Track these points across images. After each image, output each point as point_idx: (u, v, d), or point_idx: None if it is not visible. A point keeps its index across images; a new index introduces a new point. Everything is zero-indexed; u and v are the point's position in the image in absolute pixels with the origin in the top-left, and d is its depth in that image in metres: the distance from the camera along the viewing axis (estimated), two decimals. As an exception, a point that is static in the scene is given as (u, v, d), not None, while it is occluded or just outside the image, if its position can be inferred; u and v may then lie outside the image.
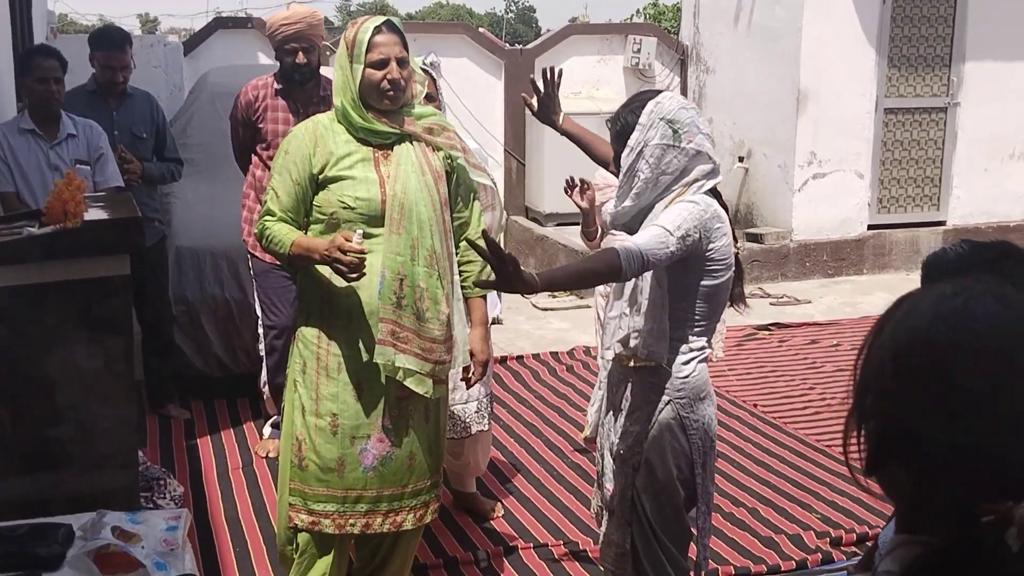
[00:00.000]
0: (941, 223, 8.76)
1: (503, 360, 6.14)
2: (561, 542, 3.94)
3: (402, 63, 2.91)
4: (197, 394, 5.32)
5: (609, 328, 2.87)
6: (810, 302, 7.65)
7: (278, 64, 4.66)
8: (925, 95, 8.55)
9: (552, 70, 3.14)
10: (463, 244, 3.10)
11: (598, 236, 3.87)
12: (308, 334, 2.98)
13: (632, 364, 2.78)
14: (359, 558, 3.25)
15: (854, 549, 3.91)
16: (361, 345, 2.94)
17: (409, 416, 2.99)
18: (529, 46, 9.48)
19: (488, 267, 2.87)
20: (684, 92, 9.56)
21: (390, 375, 2.91)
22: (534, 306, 7.51)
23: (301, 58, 4.53)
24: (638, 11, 14.06)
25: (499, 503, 4.26)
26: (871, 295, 7.78)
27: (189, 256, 5.28)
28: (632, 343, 2.74)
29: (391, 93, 2.91)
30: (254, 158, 4.65)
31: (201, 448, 4.82)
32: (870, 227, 8.56)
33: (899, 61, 8.43)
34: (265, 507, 4.22)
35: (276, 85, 4.63)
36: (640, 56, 9.21)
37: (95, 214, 2.98)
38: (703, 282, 2.70)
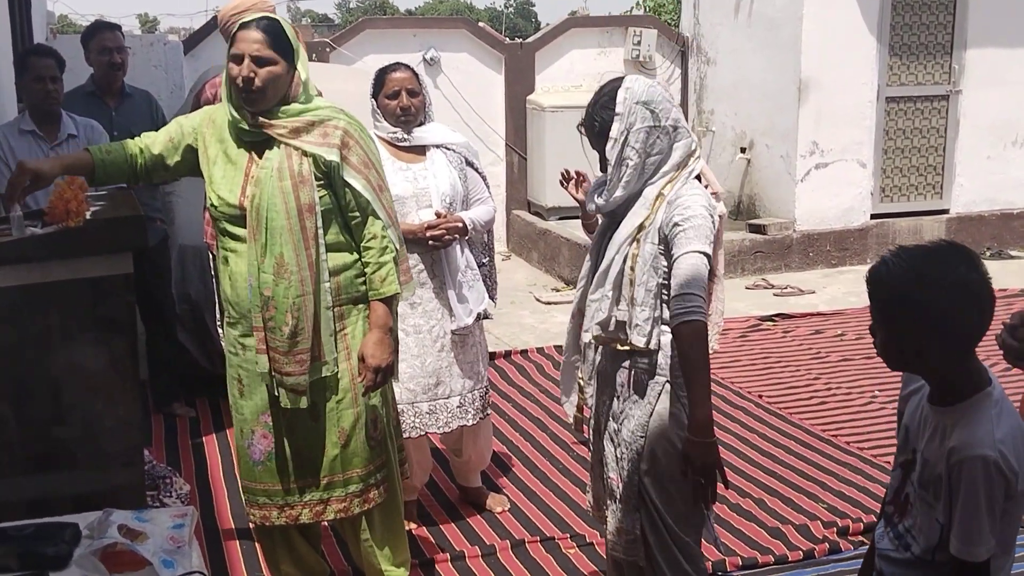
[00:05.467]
0: (944, 211, 8.74)
1: (507, 354, 6.14)
2: (568, 535, 3.94)
3: (259, 61, 2.85)
4: (202, 392, 5.32)
5: (589, 311, 2.84)
6: (814, 292, 7.64)
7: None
8: (927, 83, 8.53)
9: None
10: (364, 244, 3.02)
11: (598, 228, 3.86)
12: (224, 324, 3.15)
13: (622, 347, 2.78)
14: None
15: (861, 539, 3.91)
16: (238, 345, 3.03)
17: (292, 414, 3.01)
18: (529, 40, 9.46)
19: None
20: (685, 84, 9.55)
21: (267, 383, 3.00)
22: (537, 300, 7.51)
23: None
24: (638, 3, 14.00)
25: (505, 497, 4.26)
26: (875, 284, 7.76)
27: (192, 255, 5.28)
28: (612, 327, 2.76)
29: (245, 92, 2.88)
30: None
31: (207, 446, 4.83)
32: (873, 216, 8.54)
33: (900, 49, 8.41)
34: (271, 504, 4.23)
35: None
36: (640, 48, 9.19)
37: (97, 213, 2.98)
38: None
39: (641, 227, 2.72)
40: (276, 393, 2.98)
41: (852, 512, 4.11)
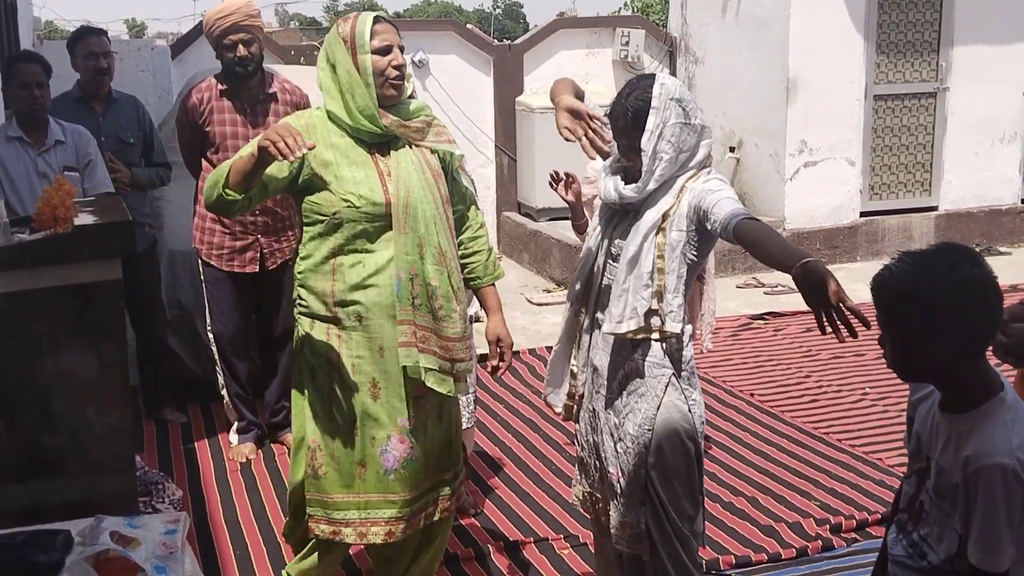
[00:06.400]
0: (933, 208, 8.77)
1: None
2: (561, 536, 3.94)
3: (402, 51, 2.91)
4: (193, 397, 5.31)
5: (621, 300, 2.79)
6: (804, 290, 7.65)
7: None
8: (914, 81, 8.56)
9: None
10: (466, 235, 3.13)
11: (588, 228, 3.87)
12: (317, 340, 2.92)
13: (637, 337, 2.78)
14: (386, 554, 3.17)
15: (854, 535, 3.92)
16: (375, 346, 2.89)
17: (426, 416, 2.99)
18: (517, 41, 9.47)
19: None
20: (673, 84, 9.54)
21: (415, 376, 2.89)
22: (528, 301, 7.51)
23: (242, 51, 4.40)
24: (626, 3, 14.03)
25: (476, 500, 4.24)
26: (865, 282, 7.72)
27: (182, 260, 5.27)
28: (654, 317, 2.76)
29: (397, 81, 2.88)
30: (204, 163, 4.55)
31: (199, 451, 4.81)
32: (862, 214, 8.56)
33: (888, 47, 8.43)
34: (264, 508, 4.22)
35: (220, 86, 4.51)
36: (629, 49, 9.20)
37: (85, 219, 2.97)
38: (700, 259, 2.80)
39: (666, 216, 2.75)
40: (428, 381, 2.89)
41: (845, 509, 4.11)
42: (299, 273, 2.96)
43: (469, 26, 9.87)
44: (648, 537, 2.85)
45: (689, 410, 2.81)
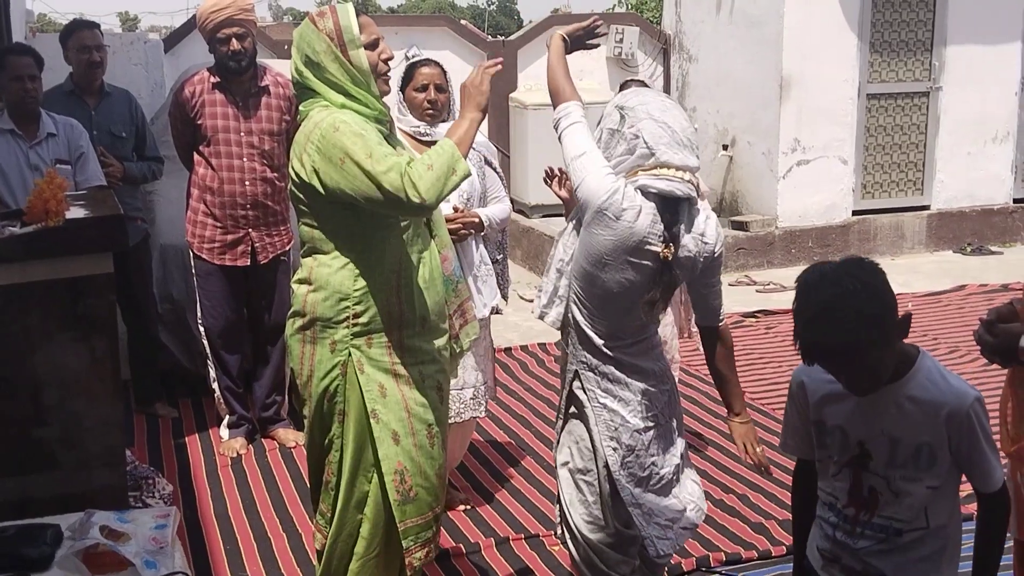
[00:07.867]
0: (925, 207, 8.80)
1: (491, 352, 6.14)
2: (552, 532, 3.94)
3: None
4: (184, 392, 5.31)
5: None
6: (796, 288, 7.66)
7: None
8: (907, 80, 8.58)
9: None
10: None
11: None
12: (377, 356, 2.75)
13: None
14: None
15: (844, 533, 3.93)
16: (435, 348, 2.85)
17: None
18: (511, 37, 9.46)
19: None
20: (667, 81, 9.56)
21: (468, 348, 3.08)
22: (521, 298, 7.50)
23: (235, 44, 4.40)
24: (620, 1, 14.04)
25: (467, 496, 4.25)
26: (857, 280, 7.78)
27: (173, 254, 5.25)
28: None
29: (388, 75, 2.84)
30: (196, 156, 4.55)
31: (190, 446, 4.80)
32: (855, 213, 8.58)
33: (881, 46, 8.45)
34: (255, 503, 4.21)
35: (213, 79, 4.51)
36: (623, 46, 9.20)
37: (77, 212, 2.97)
38: (591, 268, 2.72)
39: (572, 209, 2.90)
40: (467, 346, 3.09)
41: (835, 507, 4.12)
42: (355, 291, 2.71)
43: (463, 22, 9.86)
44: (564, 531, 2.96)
45: (593, 420, 2.80)
